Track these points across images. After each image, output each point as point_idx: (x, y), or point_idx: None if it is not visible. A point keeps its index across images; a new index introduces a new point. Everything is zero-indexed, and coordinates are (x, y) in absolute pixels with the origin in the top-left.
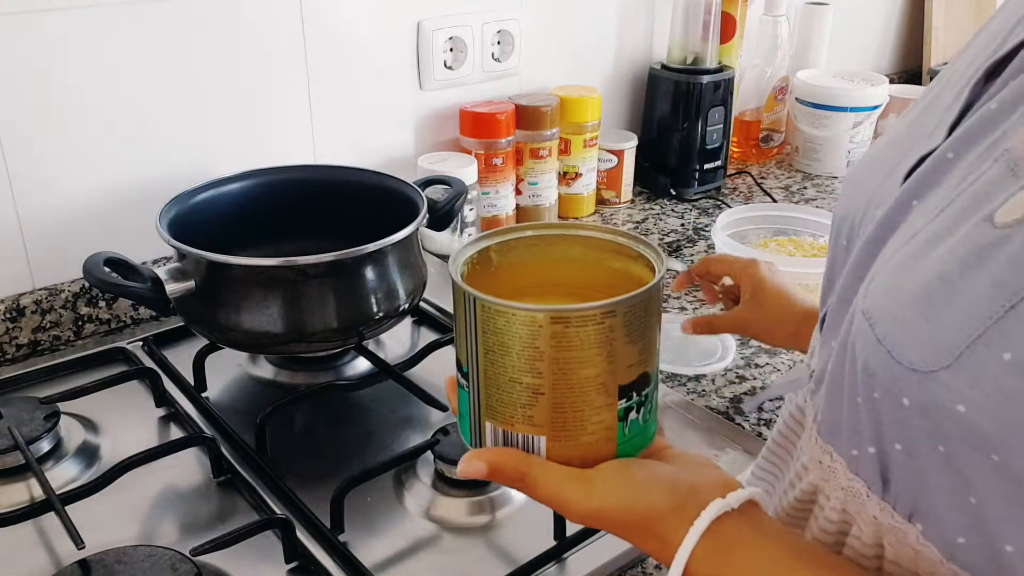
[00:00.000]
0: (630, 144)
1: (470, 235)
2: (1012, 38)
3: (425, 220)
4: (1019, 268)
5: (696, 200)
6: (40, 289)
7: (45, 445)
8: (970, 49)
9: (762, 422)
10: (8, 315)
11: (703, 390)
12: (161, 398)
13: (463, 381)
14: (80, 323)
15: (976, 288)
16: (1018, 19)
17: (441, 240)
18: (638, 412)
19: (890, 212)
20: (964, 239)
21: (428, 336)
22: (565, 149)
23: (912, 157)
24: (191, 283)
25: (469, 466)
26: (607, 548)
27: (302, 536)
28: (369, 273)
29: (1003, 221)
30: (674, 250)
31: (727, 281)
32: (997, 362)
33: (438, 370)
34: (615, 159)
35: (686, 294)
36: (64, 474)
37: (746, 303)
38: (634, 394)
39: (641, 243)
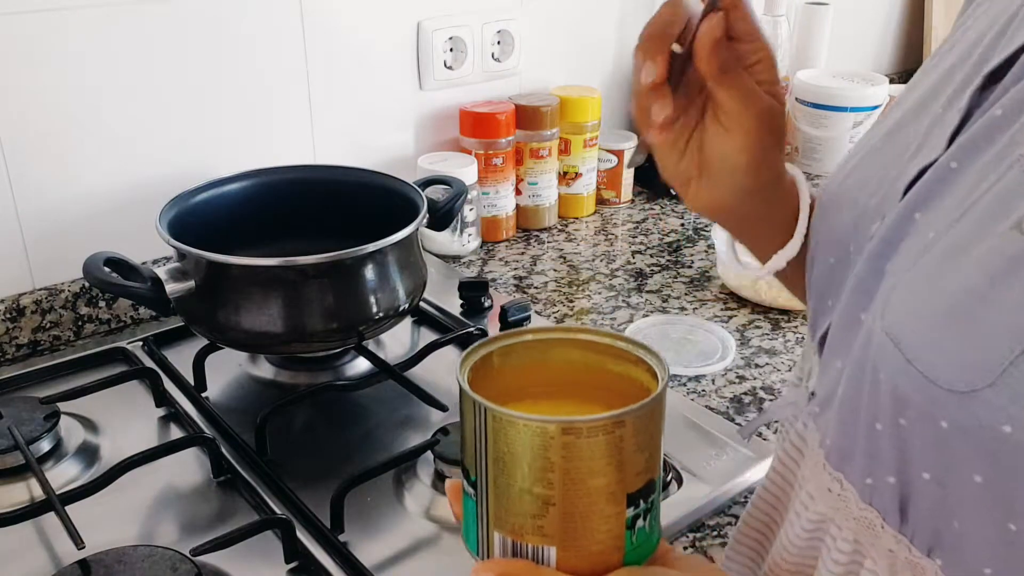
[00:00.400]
0: (630, 144)
1: (469, 238)
2: (1008, 44)
3: (425, 220)
4: None
5: None
6: (40, 289)
7: (45, 445)
8: (949, 55)
9: None
10: (8, 315)
11: (703, 390)
12: (161, 398)
13: (470, 490)
14: (80, 323)
15: (1011, 300)
16: (1000, 29)
17: (441, 240)
18: (644, 519)
19: (892, 226)
20: (991, 250)
21: (428, 336)
22: (565, 149)
23: (911, 169)
24: (191, 283)
25: None
26: None
27: (302, 536)
28: (369, 273)
29: None
30: (674, 250)
31: (676, 48)
32: None
33: (438, 370)
34: (615, 159)
35: (686, 294)
36: (64, 474)
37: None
38: (641, 501)
39: (641, 348)
